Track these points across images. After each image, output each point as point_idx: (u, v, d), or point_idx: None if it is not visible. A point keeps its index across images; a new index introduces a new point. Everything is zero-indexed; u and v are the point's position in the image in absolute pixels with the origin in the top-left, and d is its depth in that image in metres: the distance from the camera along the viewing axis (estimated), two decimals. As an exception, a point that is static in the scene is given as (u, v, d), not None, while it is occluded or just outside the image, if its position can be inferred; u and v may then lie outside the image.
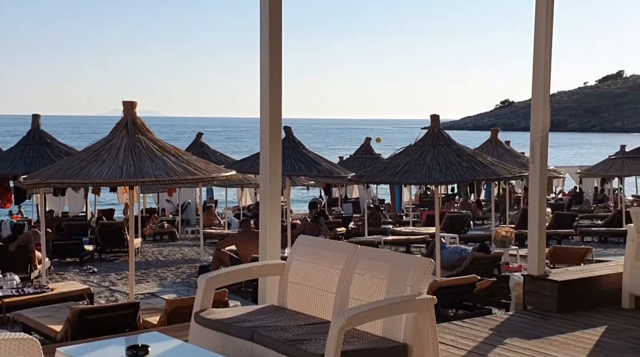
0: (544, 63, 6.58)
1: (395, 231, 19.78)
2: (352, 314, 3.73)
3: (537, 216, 6.70)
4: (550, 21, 6.56)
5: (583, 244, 18.92)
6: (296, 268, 4.77)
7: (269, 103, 5.16)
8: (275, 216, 5.30)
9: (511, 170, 9.09)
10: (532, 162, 6.72)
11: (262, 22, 5.19)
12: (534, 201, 6.68)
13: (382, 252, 4.55)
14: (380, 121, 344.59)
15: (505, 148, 15.12)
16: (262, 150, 5.29)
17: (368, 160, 17.12)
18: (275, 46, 5.17)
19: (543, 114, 6.60)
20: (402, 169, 9.10)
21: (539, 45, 6.63)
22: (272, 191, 5.22)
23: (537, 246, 6.69)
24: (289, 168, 11.88)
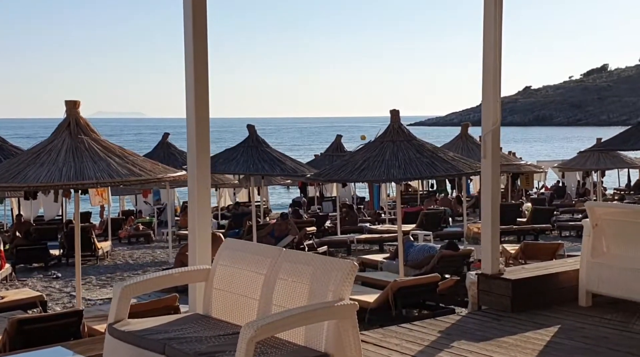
0: (493, 53, 6.34)
1: (371, 230, 19.51)
2: (261, 324, 3.44)
3: (489, 212, 6.45)
4: (499, 9, 6.31)
5: (560, 239, 18.76)
6: (221, 274, 4.47)
7: (194, 97, 4.86)
8: (204, 218, 4.99)
9: (472, 166, 8.82)
10: (484, 157, 6.46)
11: (185, 11, 4.90)
12: (486, 197, 6.42)
13: (307, 255, 4.26)
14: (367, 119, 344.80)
15: (476, 143, 14.85)
16: (189, 147, 4.98)
17: (337, 158, 16.82)
18: (200, 37, 4.87)
19: (494, 107, 6.35)
20: (360, 166, 8.82)
21: (488, 35, 6.38)
22: (201, 191, 4.92)
23: (490, 243, 6.44)
24: (251, 167, 11.59)
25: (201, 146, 4.92)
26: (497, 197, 6.47)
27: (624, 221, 6.09)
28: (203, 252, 4.96)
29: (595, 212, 6.25)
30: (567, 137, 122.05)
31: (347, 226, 18.86)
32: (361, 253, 16.01)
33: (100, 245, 16.64)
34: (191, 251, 5.01)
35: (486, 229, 6.42)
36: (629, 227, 6.03)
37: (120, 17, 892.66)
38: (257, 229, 13.31)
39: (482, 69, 6.51)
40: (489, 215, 6.38)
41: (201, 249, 4.96)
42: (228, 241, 4.59)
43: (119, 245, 19.89)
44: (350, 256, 15.46)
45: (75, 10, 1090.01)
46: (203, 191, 4.95)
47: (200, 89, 4.88)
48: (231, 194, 29.78)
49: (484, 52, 6.49)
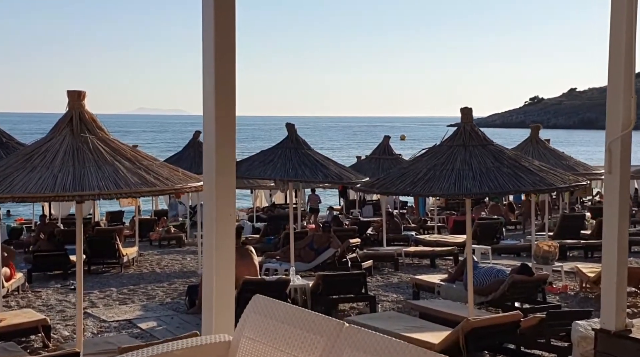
0: (625, 38, 4.63)
1: (418, 239, 17.84)
2: None
3: (615, 246, 4.76)
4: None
5: (631, 256, 16.88)
6: (246, 352, 2.91)
7: (214, 83, 3.29)
8: (226, 254, 3.41)
9: (565, 178, 7.14)
10: (609, 172, 4.74)
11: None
12: (610, 228, 4.74)
13: (383, 339, 2.64)
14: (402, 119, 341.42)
15: (548, 148, 13.08)
16: (206, 151, 3.41)
17: (386, 161, 15.23)
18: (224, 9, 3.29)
19: (625, 105, 4.66)
20: (424, 176, 7.20)
21: (617, 12, 4.67)
22: (221, 213, 3.33)
23: (614, 290, 4.75)
24: (290, 173, 10.05)
25: (224, 153, 3.34)
26: (625, 228, 4.78)
27: None
28: (223, 311, 3.38)
29: None
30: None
31: (391, 234, 17.24)
32: (410, 268, 14.38)
33: (125, 251, 15.31)
34: (206, 301, 3.45)
35: (609, 270, 4.74)
36: None
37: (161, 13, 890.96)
38: (295, 238, 11.80)
39: (609, 56, 4.82)
40: (614, 253, 4.69)
41: (220, 304, 3.38)
42: (258, 300, 3.02)
43: (149, 247, 18.64)
44: (399, 272, 13.83)
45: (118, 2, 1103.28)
46: (225, 215, 3.35)
47: (223, 72, 3.30)
48: (267, 194, 28.39)
49: (610, 40, 4.80)
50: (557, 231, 18.02)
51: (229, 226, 3.27)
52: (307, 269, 12.24)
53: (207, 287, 3.38)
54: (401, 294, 11.52)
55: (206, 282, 3.36)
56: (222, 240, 3.38)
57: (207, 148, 3.37)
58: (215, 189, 3.19)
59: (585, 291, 11.69)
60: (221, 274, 3.40)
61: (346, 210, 24.91)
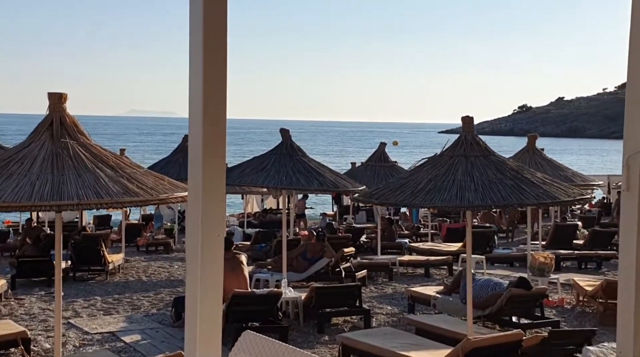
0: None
1: (412, 247, 17.53)
2: None
3: (633, 271, 4.38)
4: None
5: (614, 269, 16.62)
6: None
7: (202, 80, 2.90)
8: (214, 275, 3.03)
9: (569, 192, 6.84)
10: (627, 189, 4.35)
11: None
12: (628, 248, 4.38)
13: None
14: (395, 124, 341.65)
15: (545, 158, 12.79)
16: (192, 158, 3.02)
17: (382, 168, 14.90)
18: None
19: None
20: (425, 187, 6.87)
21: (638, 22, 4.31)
22: (208, 237, 2.95)
23: (632, 315, 4.38)
24: (284, 180, 9.70)
25: (212, 160, 2.95)
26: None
27: None
28: (207, 337, 3.01)
29: None
30: (605, 149, 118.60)
31: (385, 242, 16.90)
32: (404, 278, 14.06)
33: (111, 258, 14.88)
34: (188, 337, 3.08)
35: (627, 296, 4.36)
36: None
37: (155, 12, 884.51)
38: (287, 246, 11.44)
39: (628, 61, 4.44)
40: (632, 277, 4.32)
41: (204, 333, 3.01)
42: (247, 337, 2.67)
43: (136, 253, 18.20)
44: (393, 282, 13.50)
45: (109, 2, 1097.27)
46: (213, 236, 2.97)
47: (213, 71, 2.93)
48: (258, 200, 28.01)
49: (630, 38, 4.42)
50: (550, 240, 17.73)
51: (216, 250, 2.91)
52: (300, 280, 11.89)
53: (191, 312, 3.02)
54: (396, 306, 11.19)
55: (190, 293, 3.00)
56: (208, 266, 3.00)
57: (192, 158, 3.00)
58: (201, 208, 2.83)
59: (582, 305, 11.41)
60: (206, 301, 3.03)
61: (340, 216, 24.57)
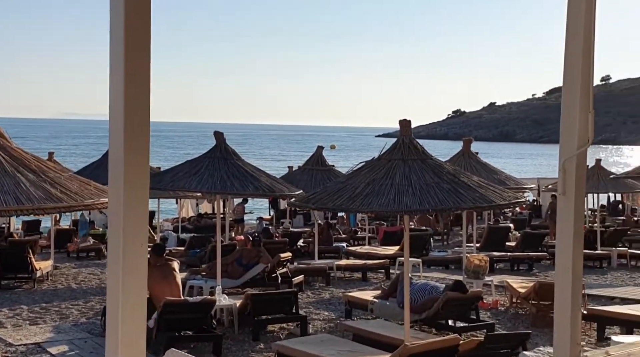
0: (583, 48, 4.29)
1: (349, 251, 17.50)
2: None
3: (569, 276, 4.38)
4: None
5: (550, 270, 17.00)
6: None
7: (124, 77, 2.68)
8: (138, 288, 2.79)
9: (504, 196, 6.87)
10: (564, 193, 4.36)
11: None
12: (564, 252, 4.38)
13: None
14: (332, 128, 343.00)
15: (480, 161, 12.95)
16: (112, 161, 2.78)
17: (319, 172, 14.80)
18: None
19: (581, 121, 4.30)
20: (362, 191, 6.79)
21: (574, 19, 4.33)
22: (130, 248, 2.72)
23: (569, 321, 4.38)
24: (218, 185, 9.47)
25: (135, 163, 2.73)
26: (580, 255, 4.43)
27: None
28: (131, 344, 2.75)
29: None
30: (534, 153, 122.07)
31: (322, 246, 16.80)
32: (342, 282, 13.98)
33: (39, 265, 14.28)
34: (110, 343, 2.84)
35: (563, 301, 4.38)
36: None
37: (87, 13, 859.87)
38: (222, 252, 11.20)
39: (564, 67, 4.46)
40: (569, 282, 4.32)
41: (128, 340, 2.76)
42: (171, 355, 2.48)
43: (67, 260, 17.55)
44: (330, 287, 13.40)
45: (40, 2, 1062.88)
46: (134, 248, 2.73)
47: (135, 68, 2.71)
48: (193, 204, 27.55)
49: (566, 44, 4.44)
50: (484, 243, 18.01)
51: (140, 259, 2.70)
52: (235, 286, 11.65)
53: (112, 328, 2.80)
54: (333, 312, 11.09)
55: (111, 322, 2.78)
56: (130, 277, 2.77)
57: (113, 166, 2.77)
58: (123, 217, 2.61)
59: (515, 307, 11.57)
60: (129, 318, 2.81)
61: (276, 220, 24.38)
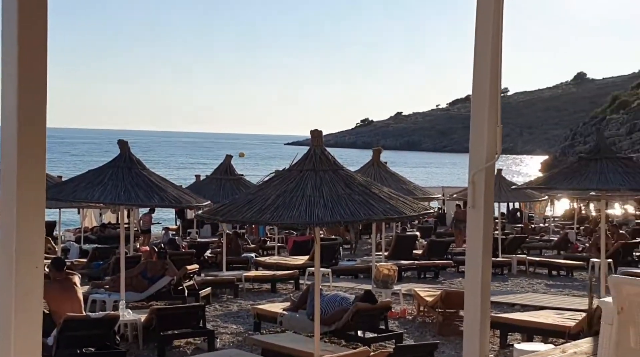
0: (490, 65, 4.37)
1: (258, 262, 17.32)
2: None
3: (478, 289, 4.42)
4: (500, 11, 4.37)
5: (460, 276, 17.43)
6: None
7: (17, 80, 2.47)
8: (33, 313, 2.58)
9: (414, 207, 6.93)
10: (473, 206, 4.40)
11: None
12: (474, 265, 4.42)
13: None
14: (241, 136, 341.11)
15: (389, 171, 13.09)
16: (4, 170, 2.56)
17: (228, 182, 14.55)
18: None
19: (490, 135, 4.36)
20: (273, 203, 6.66)
21: (482, 33, 4.40)
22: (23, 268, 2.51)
23: (478, 335, 4.42)
24: (122, 196, 9.11)
25: (30, 172, 2.52)
26: (489, 267, 4.48)
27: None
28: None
29: (622, 290, 4.46)
30: (439, 162, 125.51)
31: (230, 256, 16.54)
32: (250, 294, 13.78)
33: None
34: None
35: (472, 315, 4.41)
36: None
37: None
38: (127, 264, 10.79)
39: (473, 82, 4.52)
40: (478, 295, 4.36)
41: None
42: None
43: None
44: (239, 299, 13.17)
45: None
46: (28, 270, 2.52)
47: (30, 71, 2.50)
48: (96, 214, 26.61)
49: (475, 58, 4.50)
50: (392, 251, 18.26)
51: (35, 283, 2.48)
52: (140, 300, 11.26)
53: None
54: (241, 325, 10.89)
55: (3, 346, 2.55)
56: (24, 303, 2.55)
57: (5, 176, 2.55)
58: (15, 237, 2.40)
59: (423, 316, 11.74)
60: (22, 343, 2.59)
61: (183, 230, 23.87)
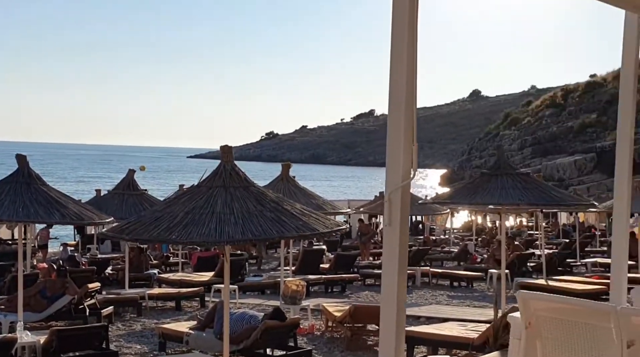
0: (406, 87, 4.42)
1: (161, 279, 16.88)
2: None
3: (394, 308, 4.44)
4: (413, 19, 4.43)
5: (367, 289, 17.64)
6: None
7: None
8: None
9: (327, 223, 6.92)
10: (389, 223, 4.42)
11: None
12: (389, 283, 4.44)
13: None
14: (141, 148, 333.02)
15: (298, 186, 13.08)
16: None
17: (131, 197, 14.11)
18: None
19: (405, 154, 4.41)
20: (182, 221, 6.48)
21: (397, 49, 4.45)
22: None
23: (394, 345, 4.43)
24: (21, 212, 8.64)
25: None
26: (404, 285, 4.52)
27: (567, 321, 4.48)
28: None
29: (530, 306, 4.60)
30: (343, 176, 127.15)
31: (133, 273, 16.03)
32: (154, 312, 13.39)
33: None
34: None
35: (388, 334, 4.41)
36: (574, 330, 4.43)
37: None
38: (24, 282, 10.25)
39: (389, 102, 4.55)
40: (393, 315, 4.35)
41: None
42: None
43: None
44: (142, 318, 12.77)
45: None
46: None
47: None
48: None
49: (391, 78, 4.55)
50: (299, 266, 18.24)
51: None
52: (39, 320, 10.72)
53: None
54: (146, 345, 10.55)
55: None
56: None
57: None
58: None
59: (331, 331, 11.76)
60: None
61: (82, 246, 22.97)
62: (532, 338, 4.59)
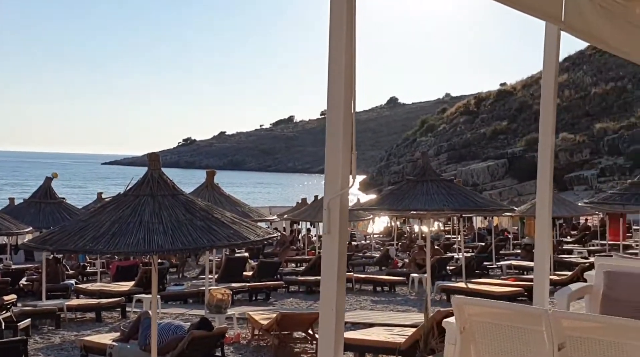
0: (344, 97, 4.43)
1: (79, 289, 16.32)
2: None
3: (332, 317, 4.43)
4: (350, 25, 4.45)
5: (291, 297, 17.61)
6: None
7: None
8: None
9: (258, 231, 6.85)
10: (328, 232, 4.41)
11: None
12: (328, 290, 4.43)
13: None
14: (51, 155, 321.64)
15: (223, 194, 12.92)
16: None
17: (49, 206, 13.59)
18: None
19: (344, 162, 4.41)
20: (108, 231, 6.28)
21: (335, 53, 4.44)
22: None
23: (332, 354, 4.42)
24: None
25: None
26: (343, 293, 4.53)
27: (500, 325, 4.59)
28: None
29: (464, 311, 4.68)
30: (263, 182, 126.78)
31: (49, 284, 15.43)
32: (74, 324, 12.92)
33: None
34: None
35: (327, 334, 4.39)
36: (507, 334, 4.54)
37: None
38: None
39: (327, 110, 4.55)
40: (332, 323, 4.35)
41: None
42: None
43: None
44: (61, 330, 12.30)
45: None
46: None
47: None
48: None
49: (329, 86, 4.54)
50: (222, 274, 18.02)
51: None
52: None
53: None
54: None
55: None
56: None
57: None
58: None
59: (257, 340, 11.66)
60: None
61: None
62: (467, 343, 4.67)
